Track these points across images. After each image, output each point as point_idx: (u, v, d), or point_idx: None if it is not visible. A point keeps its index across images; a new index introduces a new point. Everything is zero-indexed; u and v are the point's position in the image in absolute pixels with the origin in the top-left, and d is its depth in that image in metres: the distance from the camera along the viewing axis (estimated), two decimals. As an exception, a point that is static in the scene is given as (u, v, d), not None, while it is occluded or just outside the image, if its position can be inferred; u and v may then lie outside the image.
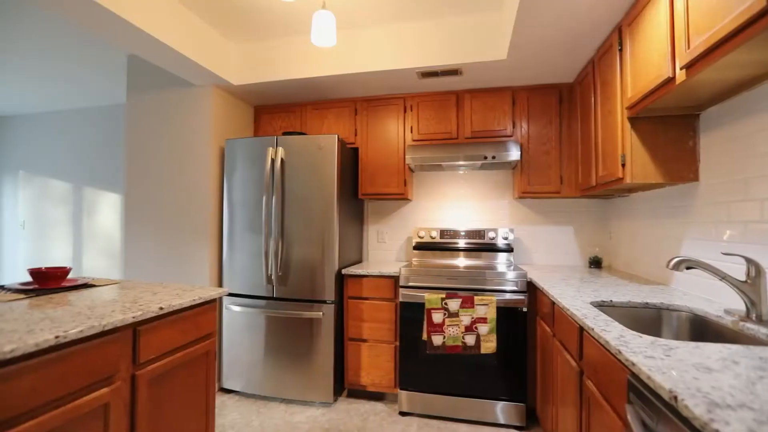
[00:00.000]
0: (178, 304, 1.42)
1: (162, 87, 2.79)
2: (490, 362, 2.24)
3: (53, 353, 1.01)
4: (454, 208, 3.01)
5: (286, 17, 2.38)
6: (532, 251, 2.86)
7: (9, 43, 2.79)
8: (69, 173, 4.37)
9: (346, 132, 2.88)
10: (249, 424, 2.25)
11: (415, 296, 2.33)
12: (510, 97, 2.62)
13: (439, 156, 2.56)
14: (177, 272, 2.73)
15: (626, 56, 1.67)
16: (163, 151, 2.78)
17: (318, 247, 2.44)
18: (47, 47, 2.85)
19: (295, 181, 2.48)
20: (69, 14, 1.81)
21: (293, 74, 2.59)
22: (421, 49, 2.40)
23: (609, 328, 1.14)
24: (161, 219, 2.77)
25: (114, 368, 1.19)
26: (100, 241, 4.23)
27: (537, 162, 2.57)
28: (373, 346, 2.47)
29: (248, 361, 2.55)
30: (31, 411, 0.96)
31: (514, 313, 2.22)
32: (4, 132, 4.70)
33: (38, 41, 2.77)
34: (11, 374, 0.91)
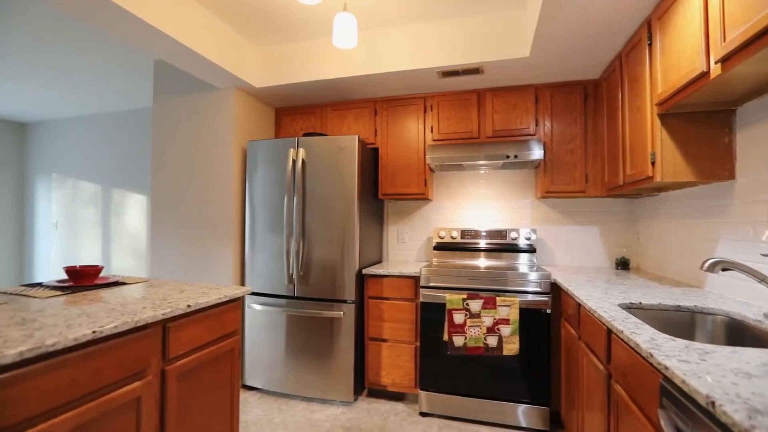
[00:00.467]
0: (204, 302, 1.45)
1: (186, 90, 2.87)
2: (513, 364, 2.20)
3: (90, 347, 1.05)
4: (474, 208, 2.98)
5: (306, 20, 2.41)
6: (555, 252, 2.80)
7: (42, 53, 2.92)
8: (98, 175, 4.54)
9: (366, 132, 2.89)
10: (271, 421, 2.28)
11: (436, 296, 2.32)
12: (533, 95, 2.58)
13: (459, 156, 2.54)
14: (200, 271, 2.80)
15: (656, 51, 1.62)
16: (188, 153, 2.85)
17: (338, 247, 2.46)
18: (77, 55, 2.97)
19: (316, 182, 2.51)
20: (100, 22, 1.88)
21: (314, 76, 2.61)
22: (441, 49, 2.39)
23: (639, 330, 1.11)
24: (185, 219, 2.85)
25: (145, 363, 1.23)
26: (127, 240, 4.37)
27: (561, 161, 2.52)
28: (394, 346, 2.47)
29: (270, 359, 2.59)
30: (71, 402, 1.00)
31: (537, 314, 2.18)
32: (38, 136, 4.92)
33: (69, 49, 2.88)
34: (53, 367, 0.95)
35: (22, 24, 2.52)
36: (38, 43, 2.78)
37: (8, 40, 2.74)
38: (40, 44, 2.81)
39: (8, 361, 0.84)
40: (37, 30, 2.60)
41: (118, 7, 1.76)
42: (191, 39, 2.17)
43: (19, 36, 2.68)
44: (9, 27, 2.55)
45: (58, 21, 2.50)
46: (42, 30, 2.60)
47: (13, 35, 2.66)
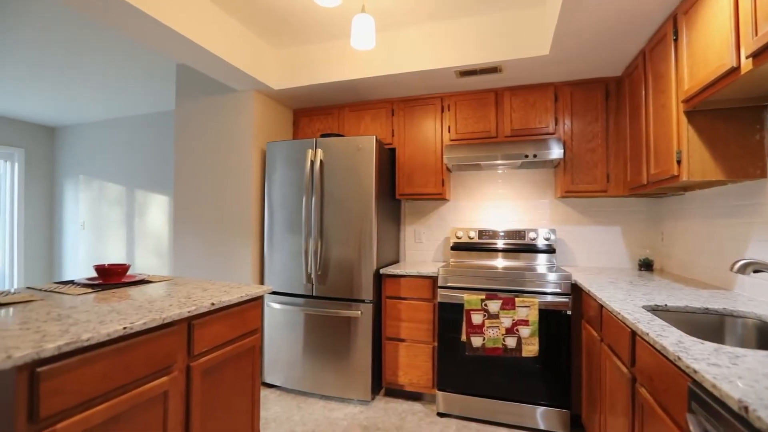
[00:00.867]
0: (227, 300, 1.48)
1: (207, 93, 2.94)
2: (532, 366, 2.18)
3: (121, 343, 1.09)
4: (492, 208, 2.95)
5: (323, 22, 2.43)
6: (576, 253, 2.75)
7: (71, 60, 3.03)
8: (122, 176, 4.68)
9: (383, 133, 2.90)
10: (290, 418, 2.32)
11: (454, 297, 2.31)
12: (552, 93, 2.54)
13: (477, 155, 2.53)
14: (221, 270, 2.86)
15: (682, 46, 1.58)
16: (209, 154, 2.92)
17: (356, 247, 2.48)
18: (103, 61, 3.07)
19: (334, 182, 2.53)
20: (128, 29, 1.95)
21: (331, 77, 2.64)
22: (459, 48, 2.38)
23: (665, 333, 1.08)
24: (206, 219, 2.91)
25: (172, 359, 1.26)
26: (149, 240, 4.50)
27: (581, 160, 2.47)
28: (411, 346, 2.47)
29: (288, 358, 2.63)
30: (104, 395, 1.04)
31: (557, 316, 2.15)
32: (66, 140, 5.11)
33: (95, 56, 2.98)
34: (88, 361, 0.99)
35: (54, 34, 2.63)
36: (67, 50, 2.89)
37: (40, 49, 2.85)
38: (69, 52, 2.91)
39: (47, 354, 0.88)
40: (67, 39, 2.70)
41: (145, 14, 1.81)
42: (213, 43, 2.22)
43: (50, 45, 2.79)
44: (42, 38, 2.66)
45: (87, 30, 2.59)
46: (71, 39, 2.70)
47: (44, 45, 2.78)
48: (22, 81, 3.53)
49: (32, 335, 0.96)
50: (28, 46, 2.83)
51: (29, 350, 0.85)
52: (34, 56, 3.00)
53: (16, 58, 3.04)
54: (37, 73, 3.35)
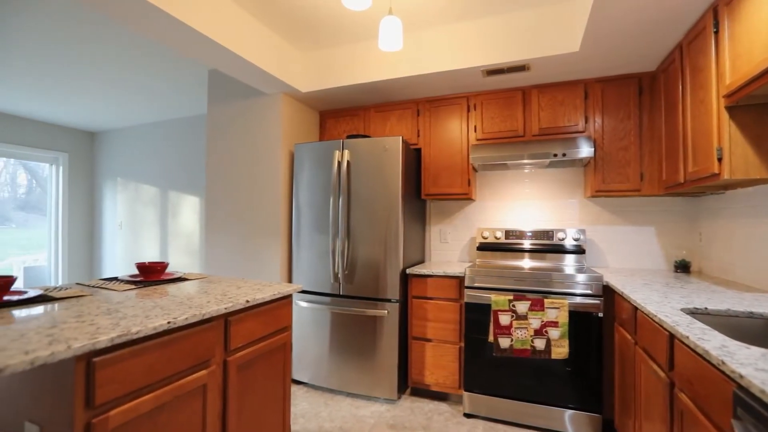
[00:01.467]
0: (260, 298, 1.53)
1: (237, 97, 3.03)
2: (561, 368, 2.14)
3: (165, 337, 1.15)
4: (519, 208, 2.91)
5: (349, 25, 2.47)
6: (607, 254, 2.68)
7: (109, 68, 3.19)
8: (156, 178, 4.88)
9: (408, 133, 2.91)
10: (318, 415, 2.36)
11: (481, 297, 2.29)
12: (582, 91, 2.48)
13: (504, 155, 2.50)
14: (251, 268, 2.95)
15: (723, 39, 1.52)
16: (239, 157, 3.01)
17: (383, 247, 2.50)
18: (140, 69, 3.22)
19: (360, 183, 2.56)
20: (164, 37, 2.04)
21: (358, 79, 2.67)
22: (486, 47, 2.36)
23: (707, 336, 1.05)
24: (237, 219, 3.01)
25: (210, 353, 1.32)
26: (181, 239, 4.67)
27: (613, 158, 2.41)
28: (437, 345, 2.47)
29: (315, 355, 2.68)
30: (150, 385, 1.10)
31: (588, 317, 2.10)
32: (105, 144, 5.38)
33: (133, 64, 3.13)
34: (136, 353, 1.05)
35: (95, 45, 2.78)
36: (107, 61, 3.05)
37: (82, 59, 3.02)
38: (109, 62, 3.07)
39: (102, 346, 0.94)
40: (106, 50, 2.85)
41: (182, 23, 1.90)
42: (244, 48, 2.30)
43: (92, 55, 2.95)
44: (85, 49, 2.82)
45: (125, 39, 2.72)
46: (110, 50, 2.85)
47: (86, 55, 2.94)
48: (66, 89, 3.74)
49: (87, 327, 1.03)
50: (72, 57, 3.00)
51: (86, 341, 0.92)
52: (77, 66, 3.18)
53: (61, 69, 3.23)
54: (80, 82, 3.54)
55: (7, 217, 4.86)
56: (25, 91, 3.80)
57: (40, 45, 2.82)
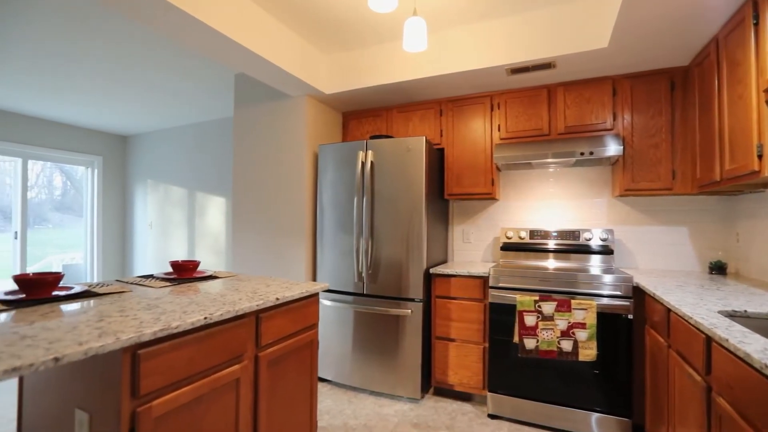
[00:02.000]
0: (290, 296, 1.57)
1: (262, 100, 3.10)
2: (588, 371, 2.10)
3: (202, 332, 1.20)
4: (544, 207, 2.87)
5: (373, 26, 2.49)
6: (636, 254, 2.61)
7: (141, 74, 3.32)
8: (184, 180, 5.05)
9: (431, 133, 2.91)
10: (342, 412, 2.39)
11: (506, 297, 2.28)
12: (610, 88, 2.43)
13: (529, 154, 2.47)
14: (276, 267, 3.01)
15: (764, 31, 1.46)
16: (265, 158, 3.08)
17: (406, 247, 2.51)
18: (169, 74, 3.34)
19: (384, 183, 2.58)
20: (195, 43, 2.11)
21: (381, 80, 2.69)
22: (510, 45, 2.34)
23: (748, 339, 1.01)
24: (263, 219, 3.08)
25: (243, 348, 1.36)
26: (208, 239, 4.81)
27: (643, 156, 2.34)
28: (461, 346, 2.47)
29: (339, 353, 2.72)
30: (188, 378, 1.15)
31: (617, 319, 2.06)
32: (136, 148, 5.59)
33: (162, 69, 3.25)
34: (176, 346, 1.10)
35: (125, 50, 2.90)
36: (138, 66, 3.17)
37: (113, 65, 3.16)
38: (140, 67, 3.20)
39: (146, 338, 0.99)
40: (136, 54, 2.97)
41: (211, 28, 1.96)
42: (270, 52, 2.35)
43: (122, 61, 3.08)
44: (115, 55, 2.95)
45: (153, 44, 2.83)
46: (140, 54, 2.97)
47: (116, 60, 3.07)
48: (99, 95, 3.91)
49: (131, 321, 1.08)
50: (104, 63, 3.14)
51: (132, 334, 0.97)
52: (110, 72, 3.33)
53: (95, 75, 3.38)
54: (114, 88, 3.70)
55: (45, 217, 5.11)
56: (63, 98, 4.00)
57: (79, 55, 2.96)
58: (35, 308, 1.21)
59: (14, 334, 0.95)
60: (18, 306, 1.22)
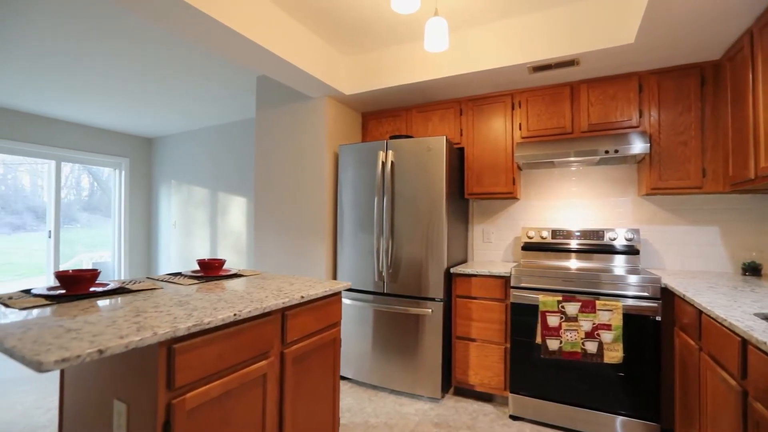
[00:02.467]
0: (314, 294, 1.60)
1: (284, 102, 3.15)
2: (612, 373, 2.06)
3: (231, 328, 1.23)
4: (566, 207, 2.83)
5: (393, 27, 2.50)
6: (663, 255, 2.54)
7: (165, 77, 3.43)
8: (207, 181, 5.17)
9: (451, 132, 2.91)
10: (363, 410, 2.42)
11: (528, 297, 2.25)
12: (636, 84, 2.37)
13: (552, 153, 2.44)
14: (297, 266, 3.06)
15: (802, 23, 1.40)
16: (286, 158, 3.13)
17: (426, 247, 2.52)
18: (192, 78, 3.43)
19: (404, 183, 2.59)
20: (217, 47, 2.17)
21: (402, 80, 2.70)
22: (532, 43, 2.32)
23: (788, 343, 0.98)
24: (284, 218, 3.13)
25: (270, 345, 1.40)
26: (230, 238, 4.91)
27: (671, 154, 2.28)
28: (482, 346, 2.45)
29: (359, 351, 2.74)
30: (219, 372, 1.19)
31: (644, 321, 2.01)
32: (161, 150, 5.76)
33: (185, 74, 3.34)
34: (208, 341, 1.14)
35: (151, 54, 3.00)
36: (163, 68, 3.27)
37: (141, 70, 3.27)
38: (165, 70, 3.30)
39: (181, 333, 1.03)
40: (162, 58, 3.07)
41: (234, 31, 2.01)
42: (292, 54, 2.39)
43: (149, 64, 3.18)
44: (142, 58, 3.05)
45: (178, 48, 2.92)
46: (165, 58, 3.06)
47: (142, 63, 3.17)
48: (126, 98, 4.05)
49: (165, 317, 1.12)
50: (132, 67, 3.25)
51: (168, 329, 1.01)
52: (137, 76, 3.44)
53: (123, 79, 3.50)
54: (139, 91, 3.83)
55: (74, 217, 5.32)
56: (92, 102, 4.16)
57: (108, 60, 3.08)
58: (76, 303, 1.27)
59: (60, 327, 1.00)
60: (60, 301, 1.28)
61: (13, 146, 4.46)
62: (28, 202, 4.89)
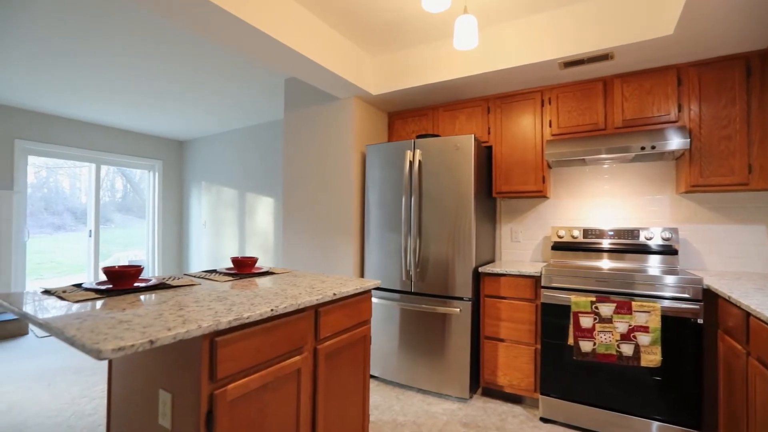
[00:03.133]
0: (345, 292, 1.62)
1: (311, 103, 3.21)
2: (647, 377, 1.99)
3: (268, 323, 1.26)
4: (597, 206, 2.75)
5: (421, 27, 2.50)
6: (704, 255, 2.43)
7: (196, 81, 3.54)
8: (236, 181, 5.31)
9: (478, 131, 2.88)
10: (391, 408, 2.43)
11: (559, 298, 2.20)
12: (674, 77, 2.28)
13: (584, 150, 2.38)
14: (323, 264, 3.10)
15: None
16: (314, 159, 3.19)
17: (454, 246, 2.50)
18: (223, 82, 3.53)
19: (432, 182, 2.58)
20: (248, 50, 2.22)
21: (429, 79, 2.70)
22: (563, 38, 2.27)
23: None
24: (312, 218, 3.18)
25: (303, 340, 1.43)
26: (257, 237, 5.03)
27: (713, 149, 2.18)
28: (511, 346, 2.42)
29: (385, 350, 2.75)
30: (257, 366, 1.22)
31: (684, 324, 1.93)
32: (192, 152, 5.96)
33: (216, 78, 3.44)
34: (247, 336, 1.18)
35: (188, 61, 3.11)
36: (196, 72, 3.39)
37: (172, 74, 3.39)
38: (197, 73, 3.41)
39: (223, 327, 1.07)
40: (196, 64, 3.17)
41: (264, 34, 2.06)
42: (321, 56, 2.43)
43: (184, 69, 3.30)
44: (175, 65, 3.17)
45: (209, 52, 3.01)
46: (198, 63, 3.17)
47: (172, 70, 3.30)
48: (159, 102, 4.21)
49: (206, 311, 1.17)
50: (168, 72, 3.38)
51: (211, 322, 1.05)
52: (171, 81, 3.58)
53: (155, 83, 3.65)
54: (170, 93, 3.98)
55: (109, 218, 5.57)
56: (128, 106, 4.35)
57: (146, 65, 3.21)
58: (123, 297, 1.34)
59: (112, 318, 1.05)
60: (109, 294, 1.36)
61: (58, 150, 4.72)
62: (68, 203, 5.17)
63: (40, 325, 1.03)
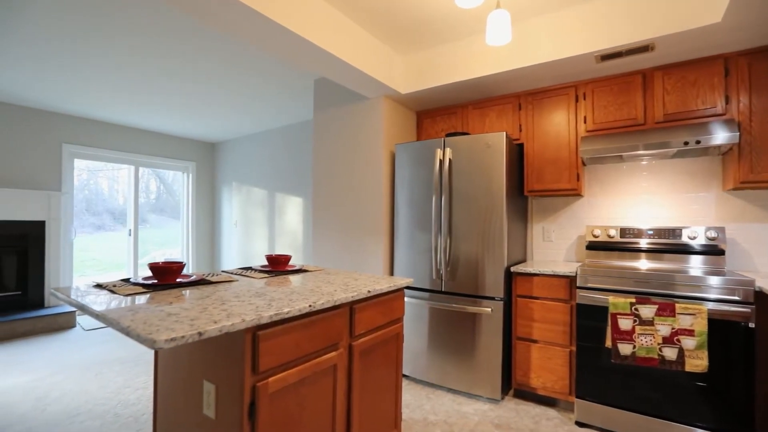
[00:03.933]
0: (379, 289, 1.63)
1: (340, 103, 3.24)
2: (690, 382, 1.90)
3: (306, 319, 1.29)
4: (635, 204, 2.64)
5: (452, 24, 2.48)
6: (754, 256, 2.29)
7: (229, 84, 3.65)
8: (265, 182, 5.44)
9: (509, 128, 2.83)
10: (421, 407, 2.42)
11: (596, 299, 2.14)
12: (721, 67, 2.16)
13: (621, 146, 2.29)
14: (353, 263, 3.13)
15: None
16: (343, 158, 3.22)
17: (486, 245, 2.47)
18: (254, 85, 3.62)
19: (462, 180, 2.56)
20: (276, 49, 2.27)
21: (459, 77, 2.67)
22: (599, 31, 2.19)
23: None
24: (341, 217, 3.22)
25: (339, 337, 1.45)
26: (287, 237, 5.13)
27: (765, 144, 2.05)
28: (544, 348, 2.36)
29: (415, 349, 2.75)
30: (295, 360, 1.25)
31: (733, 327, 1.83)
32: (224, 153, 6.14)
33: (248, 81, 3.54)
34: (286, 330, 1.21)
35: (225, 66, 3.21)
36: (231, 75, 3.49)
37: (207, 75, 3.51)
38: (233, 76, 3.52)
39: (264, 321, 1.10)
40: (232, 67, 3.27)
41: (294, 33, 2.10)
42: (350, 55, 2.45)
43: (221, 74, 3.41)
44: (212, 68, 3.28)
45: (241, 56, 3.10)
46: (232, 67, 3.26)
47: (209, 74, 3.41)
48: (193, 104, 4.37)
49: (247, 306, 1.20)
50: (200, 75, 3.50)
51: (253, 316, 1.08)
52: (205, 83, 3.70)
53: (192, 86, 3.79)
54: (204, 96, 4.12)
55: (145, 218, 5.82)
56: (166, 111, 4.54)
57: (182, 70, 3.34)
58: (168, 291, 1.40)
59: (161, 311, 1.10)
60: (155, 289, 1.42)
61: (100, 153, 4.98)
62: (107, 204, 5.45)
63: (97, 316, 1.09)
